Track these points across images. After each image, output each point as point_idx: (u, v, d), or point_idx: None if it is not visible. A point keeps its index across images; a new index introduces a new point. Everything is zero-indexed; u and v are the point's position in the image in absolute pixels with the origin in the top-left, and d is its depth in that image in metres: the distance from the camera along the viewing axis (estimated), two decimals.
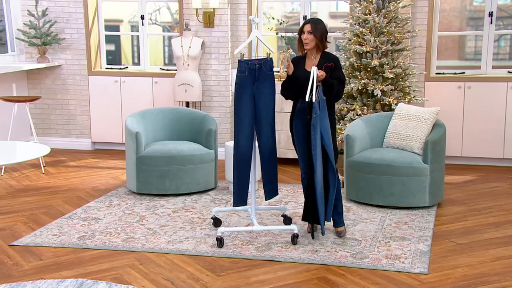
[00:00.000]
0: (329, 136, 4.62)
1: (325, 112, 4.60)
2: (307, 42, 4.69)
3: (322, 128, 4.57)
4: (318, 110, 4.49)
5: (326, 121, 4.62)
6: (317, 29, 4.67)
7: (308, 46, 4.71)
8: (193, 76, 7.44)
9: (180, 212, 5.53)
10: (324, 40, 4.72)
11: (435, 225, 5.17)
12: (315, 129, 4.51)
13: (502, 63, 7.42)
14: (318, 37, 4.67)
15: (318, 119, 4.51)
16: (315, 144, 4.53)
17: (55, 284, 3.89)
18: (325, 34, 4.73)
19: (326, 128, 4.61)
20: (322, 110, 4.57)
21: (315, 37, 4.67)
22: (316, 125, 4.51)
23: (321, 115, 4.56)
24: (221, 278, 4.12)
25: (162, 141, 6.26)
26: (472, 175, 6.83)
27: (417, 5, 7.17)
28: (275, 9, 7.91)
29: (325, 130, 4.60)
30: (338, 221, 4.88)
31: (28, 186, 6.44)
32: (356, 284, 4.02)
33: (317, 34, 4.67)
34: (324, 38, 4.72)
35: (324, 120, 4.60)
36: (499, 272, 4.20)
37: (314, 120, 4.49)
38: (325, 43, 4.75)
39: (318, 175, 4.58)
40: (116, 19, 8.38)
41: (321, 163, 4.60)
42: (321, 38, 4.69)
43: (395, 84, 6.66)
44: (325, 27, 4.74)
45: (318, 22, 4.72)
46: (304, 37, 4.69)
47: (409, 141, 5.72)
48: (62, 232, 5.00)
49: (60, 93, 8.18)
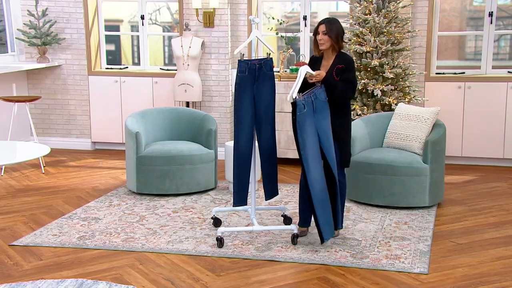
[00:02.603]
0: (328, 138, 4.52)
1: (325, 114, 4.52)
2: (322, 42, 4.59)
3: (320, 130, 4.49)
4: (303, 108, 4.39)
5: (326, 123, 4.52)
6: (332, 30, 4.57)
7: (323, 47, 4.61)
8: (193, 76, 7.44)
9: (180, 212, 5.53)
10: (340, 40, 4.61)
11: (435, 225, 5.17)
12: (302, 128, 4.40)
13: (502, 63, 7.42)
14: (333, 37, 4.57)
15: (306, 117, 4.40)
16: (303, 144, 4.41)
17: (55, 284, 3.89)
18: (341, 34, 4.61)
19: (325, 130, 4.51)
20: (322, 112, 4.49)
21: (330, 37, 4.57)
22: (303, 124, 4.40)
23: (320, 116, 4.48)
24: (221, 278, 4.12)
25: (162, 141, 6.26)
26: (472, 175, 6.83)
27: (417, 5, 7.17)
28: (275, 9, 7.91)
29: (324, 132, 4.51)
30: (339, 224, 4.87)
31: (28, 186, 6.44)
32: (356, 284, 4.02)
33: (332, 35, 4.57)
34: (340, 38, 4.61)
35: (324, 121, 4.51)
36: (499, 272, 4.20)
37: (300, 118, 4.38)
38: (341, 43, 4.63)
39: (313, 178, 4.46)
40: (116, 19, 8.38)
41: (317, 166, 4.48)
42: (337, 39, 4.59)
43: (395, 84, 6.66)
44: (341, 26, 4.64)
45: (333, 22, 4.61)
46: (319, 38, 4.59)
47: (409, 141, 5.72)
48: (62, 232, 5.00)
49: (60, 93, 8.18)
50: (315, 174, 4.48)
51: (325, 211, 4.54)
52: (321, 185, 4.51)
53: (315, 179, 4.48)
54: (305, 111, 4.41)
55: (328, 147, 4.54)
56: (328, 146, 4.53)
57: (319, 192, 4.49)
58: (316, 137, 4.50)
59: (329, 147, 4.54)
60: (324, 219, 4.53)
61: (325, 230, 4.55)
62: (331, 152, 4.55)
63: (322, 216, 4.52)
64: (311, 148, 4.46)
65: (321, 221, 4.52)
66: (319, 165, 4.51)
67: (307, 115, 4.43)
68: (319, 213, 4.50)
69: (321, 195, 4.51)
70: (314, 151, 4.49)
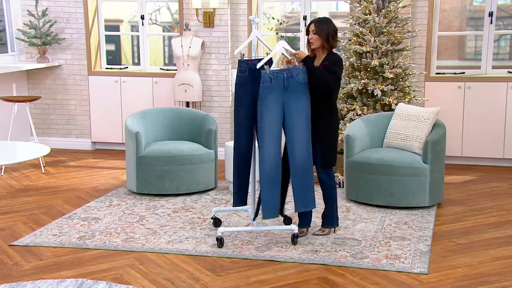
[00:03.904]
0: (296, 122, 4.49)
1: (300, 96, 4.48)
2: (312, 41, 4.66)
3: (288, 110, 4.47)
4: (269, 81, 4.39)
5: (298, 105, 4.49)
6: (322, 29, 4.62)
7: (313, 46, 4.68)
8: (193, 76, 7.44)
9: (180, 212, 5.53)
10: (330, 39, 4.64)
11: (435, 225, 5.17)
12: (263, 101, 4.41)
13: (502, 63, 7.42)
14: (323, 37, 4.63)
15: (270, 92, 4.40)
16: (261, 117, 4.41)
17: (55, 284, 3.89)
18: (331, 34, 4.64)
19: (295, 112, 4.49)
20: (295, 92, 4.47)
21: (319, 37, 4.63)
22: (265, 97, 4.41)
23: (292, 96, 4.46)
24: (221, 278, 4.12)
25: (162, 141, 6.26)
26: (472, 175, 6.83)
27: (417, 5, 7.17)
28: (275, 9, 7.91)
29: (292, 114, 4.49)
30: (324, 222, 4.91)
31: (28, 186, 6.44)
32: (356, 284, 4.02)
33: (322, 34, 4.62)
34: (330, 37, 4.64)
35: (295, 103, 4.47)
36: (499, 272, 4.20)
37: (262, 90, 4.41)
38: (332, 43, 4.66)
39: (266, 154, 4.46)
40: (116, 19, 8.38)
41: (272, 144, 4.46)
42: (327, 38, 4.63)
43: (395, 84, 6.66)
44: (332, 26, 4.66)
45: (323, 22, 4.66)
46: (310, 37, 4.67)
47: (409, 141, 5.72)
48: (62, 232, 5.00)
49: (60, 93, 8.18)
50: (269, 151, 4.47)
51: (271, 190, 4.53)
52: (273, 163, 4.51)
53: (268, 156, 4.47)
54: (270, 85, 4.43)
55: (292, 129, 4.51)
56: (292, 128, 4.51)
57: (269, 170, 4.49)
58: (279, 116, 4.49)
59: (293, 130, 4.51)
60: (268, 197, 4.52)
61: (266, 208, 4.53)
62: (295, 135, 4.52)
63: (266, 194, 4.51)
64: (269, 124, 4.46)
65: (263, 197, 4.51)
66: (275, 144, 4.50)
67: (272, 89, 4.44)
68: (263, 190, 4.50)
69: (271, 173, 4.50)
70: (273, 129, 4.48)
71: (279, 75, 4.46)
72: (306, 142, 4.54)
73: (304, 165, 4.56)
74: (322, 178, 4.78)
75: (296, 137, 4.52)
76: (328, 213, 4.88)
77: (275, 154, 4.49)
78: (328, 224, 4.90)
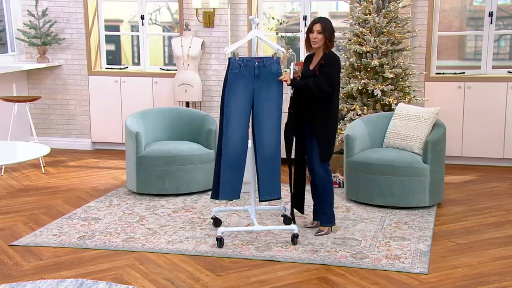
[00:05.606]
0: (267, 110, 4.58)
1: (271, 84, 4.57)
2: (316, 41, 4.66)
3: (258, 98, 4.57)
4: (237, 68, 4.50)
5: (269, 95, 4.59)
6: (327, 29, 4.65)
7: (316, 45, 4.68)
8: (193, 76, 7.44)
9: (180, 212, 5.53)
10: (332, 39, 4.70)
11: (435, 225, 5.17)
12: (230, 86, 4.52)
13: (502, 63, 7.42)
14: (327, 37, 4.66)
15: (238, 78, 4.51)
16: (228, 103, 4.53)
17: (55, 284, 3.89)
18: (333, 34, 4.71)
19: (265, 100, 4.58)
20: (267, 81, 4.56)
21: (324, 37, 4.65)
22: (233, 83, 4.51)
23: (263, 85, 4.56)
24: (221, 278, 4.12)
25: (162, 141, 6.26)
26: (472, 175, 6.83)
27: (417, 5, 7.17)
28: (275, 9, 7.91)
29: (262, 101, 4.58)
30: (322, 220, 4.92)
31: (28, 186, 6.44)
32: (356, 284, 4.02)
33: (327, 34, 4.65)
34: (332, 37, 4.70)
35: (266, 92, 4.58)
36: (499, 272, 4.20)
37: (230, 75, 4.51)
38: (332, 43, 4.72)
39: (230, 139, 4.55)
40: (116, 19, 8.39)
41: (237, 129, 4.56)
42: (330, 38, 4.68)
43: (395, 84, 6.66)
44: (332, 26, 4.73)
45: (327, 22, 4.70)
46: (314, 37, 4.66)
47: (409, 141, 5.72)
48: (62, 232, 5.00)
49: (60, 93, 8.19)
50: (233, 136, 4.58)
51: (233, 174, 4.63)
52: (237, 148, 4.61)
53: (232, 141, 4.58)
54: (238, 71, 4.52)
55: (262, 117, 4.60)
56: (262, 116, 4.60)
57: (231, 155, 4.60)
58: (248, 103, 4.59)
59: (263, 118, 4.60)
60: (227, 178, 4.62)
61: (225, 190, 4.64)
62: (264, 123, 4.61)
63: (226, 175, 4.60)
64: (236, 111, 4.56)
65: (223, 178, 4.60)
66: (240, 130, 4.59)
67: (241, 76, 4.53)
68: (223, 172, 4.59)
69: (234, 158, 4.62)
70: (240, 115, 4.58)
71: (249, 63, 4.55)
72: (275, 130, 4.65)
73: (272, 153, 4.67)
74: (320, 173, 4.79)
75: (265, 125, 4.61)
76: (326, 211, 4.88)
77: (240, 140, 4.61)
78: (327, 222, 4.90)
